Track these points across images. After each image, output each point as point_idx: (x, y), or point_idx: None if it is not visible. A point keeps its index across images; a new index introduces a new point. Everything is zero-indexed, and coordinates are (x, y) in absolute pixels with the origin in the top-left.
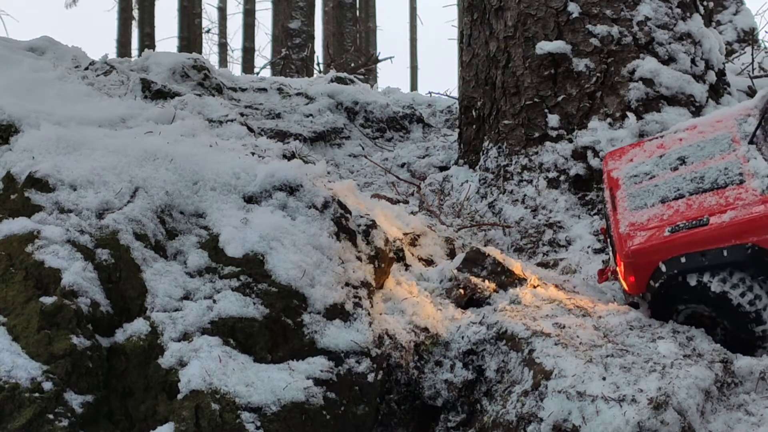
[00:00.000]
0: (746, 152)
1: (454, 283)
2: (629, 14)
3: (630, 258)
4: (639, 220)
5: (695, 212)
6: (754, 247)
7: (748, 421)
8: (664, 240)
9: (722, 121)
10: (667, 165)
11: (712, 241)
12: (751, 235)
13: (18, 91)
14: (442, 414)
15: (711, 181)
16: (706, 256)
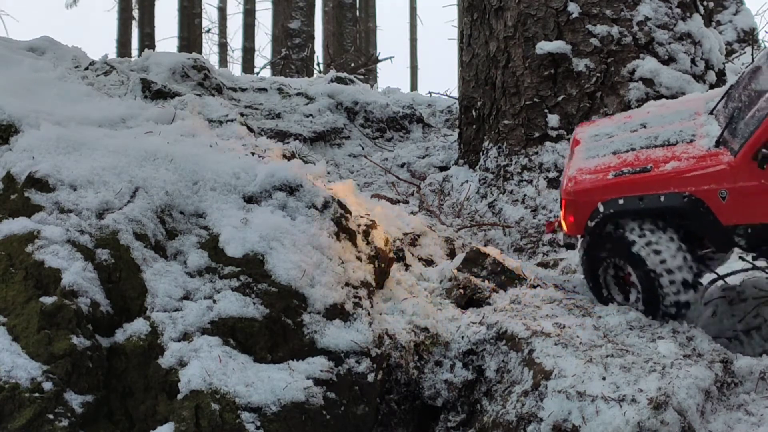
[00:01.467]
0: (704, 120)
1: (454, 283)
2: (629, 14)
3: (571, 196)
4: (588, 166)
5: (641, 162)
6: (691, 196)
7: (748, 421)
8: (606, 182)
9: (691, 101)
10: (628, 128)
11: (651, 187)
12: (690, 185)
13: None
14: (442, 414)
15: (663, 140)
16: (643, 200)
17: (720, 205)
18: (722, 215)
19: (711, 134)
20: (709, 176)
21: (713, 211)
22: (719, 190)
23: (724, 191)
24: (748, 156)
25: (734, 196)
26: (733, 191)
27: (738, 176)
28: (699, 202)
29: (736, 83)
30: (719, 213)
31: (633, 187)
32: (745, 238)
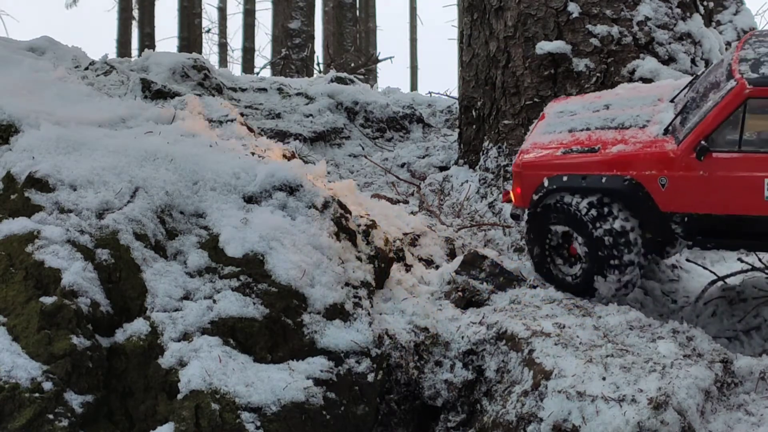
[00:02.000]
0: (664, 107)
1: (452, 286)
2: (629, 14)
3: (519, 168)
4: (542, 141)
5: (591, 142)
6: (632, 180)
7: (748, 421)
8: (554, 158)
9: (661, 87)
10: (592, 108)
11: (595, 167)
12: (632, 169)
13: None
14: (442, 414)
15: (619, 123)
16: (586, 180)
17: (659, 192)
18: (661, 202)
19: (664, 121)
20: (651, 162)
21: (652, 196)
22: (659, 176)
23: (664, 178)
24: (690, 147)
25: (673, 184)
26: (672, 179)
27: (678, 165)
28: (639, 187)
29: (701, 73)
30: (658, 199)
31: (578, 166)
32: (681, 227)
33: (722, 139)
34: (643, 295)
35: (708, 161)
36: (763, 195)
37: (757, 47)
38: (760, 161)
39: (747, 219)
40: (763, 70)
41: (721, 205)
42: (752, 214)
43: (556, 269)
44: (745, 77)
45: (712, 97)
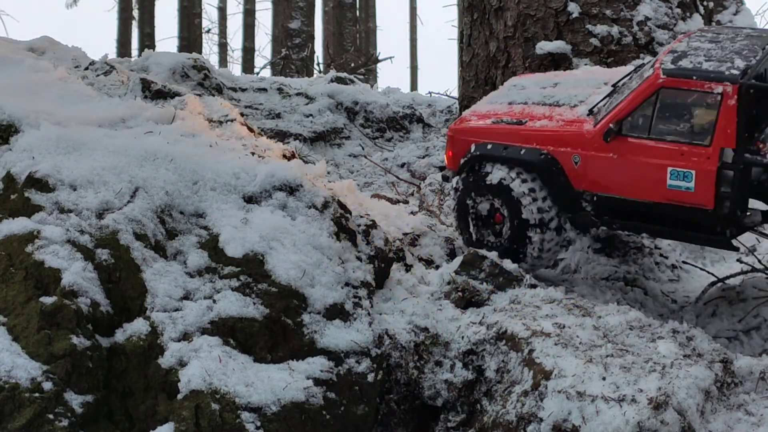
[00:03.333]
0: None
1: (452, 286)
2: (629, 14)
3: (452, 132)
4: (481, 110)
5: (521, 116)
6: (548, 155)
7: (748, 421)
8: (483, 126)
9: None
10: (542, 84)
11: (517, 139)
12: (549, 144)
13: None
14: (442, 414)
15: (555, 101)
16: (506, 150)
17: (572, 169)
18: (574, 179)
19: (592, 103)
20: (566, 140)
21: (566, 173)
22: (573, 154)
23: (577, 156)
24: (603, 128)
25: (585, 163)
26: (585, 158)
27: (591, 145)
28: (554, 162)
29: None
30: (571, 176)
31: (502, 136)
32: (591, 205)
33: (635, 125)
34: (643, 295)
35: (619, 144)
36: (665, 183)
37: (694, 41)
38: (666, 150)
39: (650, 204)
40: (683, 63)
41: (627, 189)
42: (655, 200)
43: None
44: (662, 67)
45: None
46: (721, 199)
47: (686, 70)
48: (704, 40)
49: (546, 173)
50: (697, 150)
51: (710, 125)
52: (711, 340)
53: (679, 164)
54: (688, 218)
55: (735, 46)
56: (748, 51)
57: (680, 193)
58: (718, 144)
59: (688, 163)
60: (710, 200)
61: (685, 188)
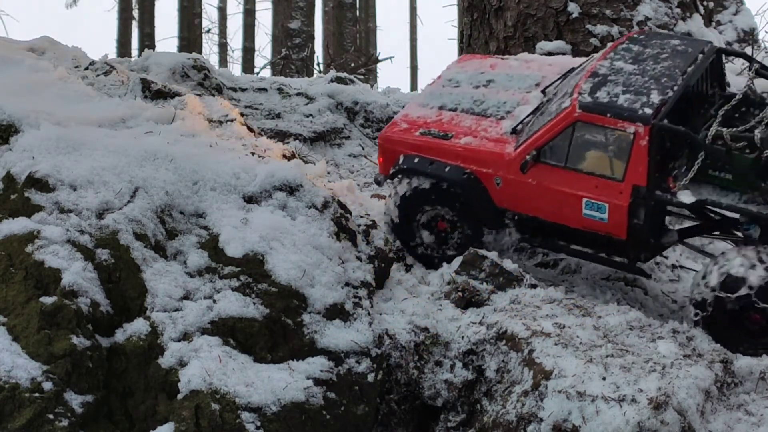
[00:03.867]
0: (531, 97)
1: (452, 286)
2: (629, 14)
3: (382, 140)
4: (413, 114)
5: (449, 127)
6: (471, 174)
7: (748, 421)
8: (410, 137)
9: (552, 65)
10: (477, 81)
11: (442, 155)
12: (473, 164)
13: (18, 91)
14: (442, 414)
15: (483, 108)
16: (432, 165)
17: (495, 189)
18: (496, 198)
19: (519, 117)
20: (489, 161)
21: (489, 192)
22: (495, 176)
23: (499, 179)
24: (522, 155)
25: (506, 185)
26: (506, 181)
27: (512, 169)
28: (477, 182)
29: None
30: (494, 195)
31: (428, 151)
32: (513, 223)
33: (553, 152)
34: (643, 295)
35: (537, 171)
36: (581, 211)
37: (618, 60)
38: (582, 181)
39: (569, 228)
40: (600, 94)
41: (546, 212)
42: (574, 226)
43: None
44: (579, 100)
45: (554, 110)
46: (633, 231)
47: (601, 105)
48: (628, 58)
49: (470, 192)
50: (610, 184)
51: (623, 162)
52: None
53: (593, 196)
54: (603, 243)
55: (656, 70)
56: (668, 78)
57: (595, 223)
58: (629, 181)
59: (601, 196)
60: (623, 232)
61: (599, 218)
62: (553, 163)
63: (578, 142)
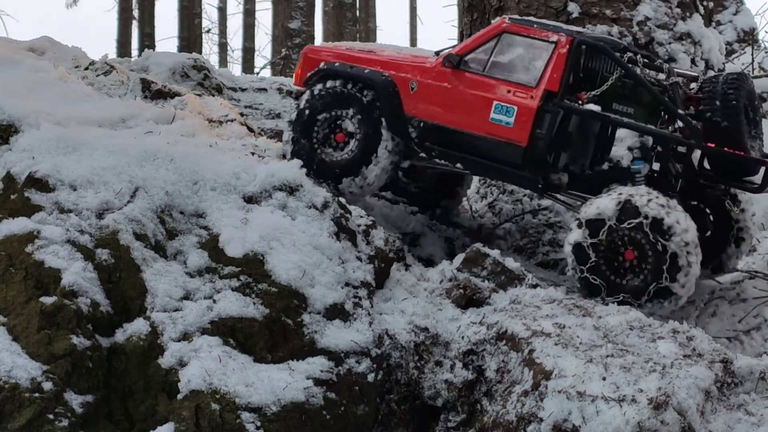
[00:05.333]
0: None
1: (454, 283)
2: (629, 14)
3: (306, 51)
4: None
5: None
6: (389, 77)
7: (748, 421)
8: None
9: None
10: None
11: (364, 62)
12: (392, 69)
13: (18, 91)
14: (442, 414)
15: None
16: (352, 69)
17: (407, 94)
18: (407, 104)
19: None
20: (408, 68)
21: (401, 96)
22: (412, 80)
23: (414, 83)
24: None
25: (420, 89)
26: (421, 85)
27: (430, 74)
28: (392, 84)
29: None
30: (405, 101)
31: (351, 59)
32: (416, 131)
33: (473, 63)
34: None
35: (454, 77)
36: (489, 116)
37: None
38: (495, 86)
39: (471, 136)
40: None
41: (453, 119)
42: (476, 132)
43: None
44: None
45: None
46: (534, 139)
47: (529, 20)
48: None
49: (383, 94)
50: (523, 89)
51: (540, 70)
52: (711, 340)
53: (504, 99)
54: (502, 154)
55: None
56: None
57: (500, 128)
58: (543, 86)
59: (512, 100)
60: (525, 137)
61: (505, 123)
62: (472, 70)
63: (500, 51)
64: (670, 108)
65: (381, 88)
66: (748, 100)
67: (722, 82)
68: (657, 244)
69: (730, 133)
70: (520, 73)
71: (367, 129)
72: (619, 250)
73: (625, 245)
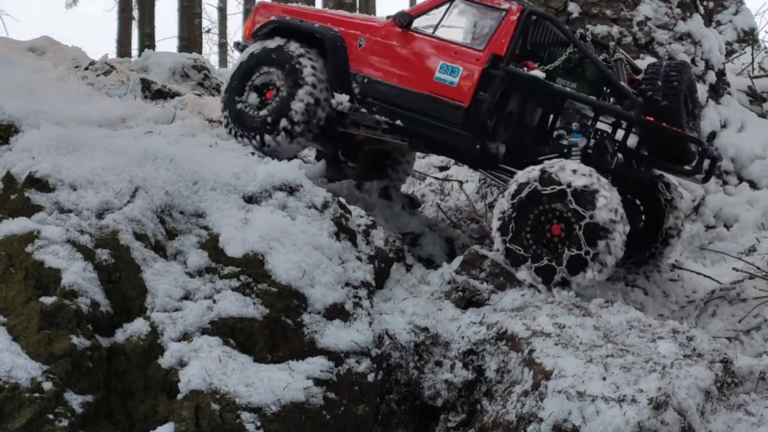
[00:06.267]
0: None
1: (452, 286)
2: (629, 14)
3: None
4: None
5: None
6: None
7: (748, 421)
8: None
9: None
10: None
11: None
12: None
13: (18, 91)
14: (442, 414)
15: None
16: (302, 23)
17: (354, 50)
18: (352, 60)
19: None
20: (358, 26)
21: (348, 52)
22: (361, 37)
23: (363, 39)
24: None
25: (368, 46)
26: (369, 42)
27: (379, 32)
28: (341, 39)
29: None
30: (351, 57)
31: (302, 15)
32: (359, 87)
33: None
34: (643, 295)
35: (403, 36)
36: (433, 75)
37: None
38: (443, 47)
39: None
40: None
41: (397, 76)
42: (420, 90)
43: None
44: None
45: None
46: (477, 101)
47: None
48: None
49: (331, 48)
50: (470, 51)
51: (489, 35)
52: (711, 340)
53: (450, 60)
54: (443, 114)
55: None
56: None
57: (444, 87)
58: (490, 50)
59: (458, 61)
60: (468, 98)
61: (449, 82)
62: (422, 31)
63: (451, 16)
64: (613, 80)
65: (329, 42)
66: (689, 90)
67: (665, 66)
68: (579, 215)
69: (669, 112)
70: (469, 37)
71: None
72: (540, 219)
73: (548, 216)
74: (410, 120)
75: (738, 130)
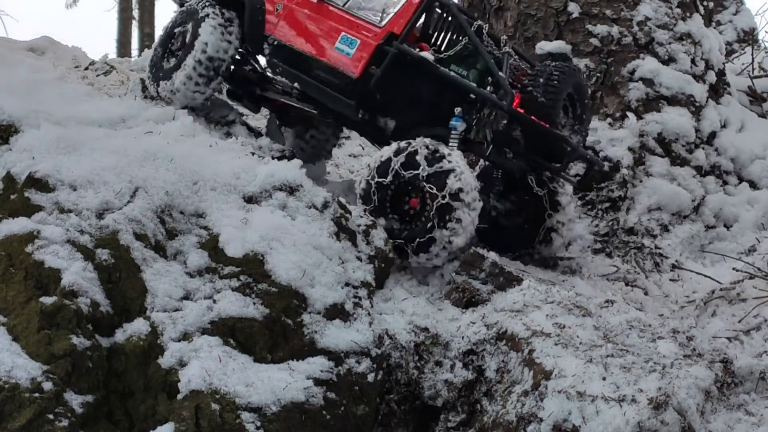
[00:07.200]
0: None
1: (452, 286)
2: (629, 14)
3: None
4: None
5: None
6: None
7: (748, 421)
8: None
9: None
10: None
11: None
12: None
13: (18, 91)
14: (442, 414)
15: None
16: None
17: (272, 14)
18: (269, 23)
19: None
20: None
21: (265, 16)
22: (279, 3)
23: (280, 5)
24: None
25: (284, 12)
26: (285, 8)
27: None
28: (260, 3)
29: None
30: (268, 19)
31: None
32: (269, 48)
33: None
34: (643, 295)
35: (316, 6)
36: (334, 45)
37: None
38: (348, 21)
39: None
40: None
41: (303, 43)
42: (320, 57)
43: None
44: None
45: None
46: (367, 75)
47: None
48: None
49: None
50: (370, 27)
51: (390, 15)
52: (711, 340)
53: (351, 32)
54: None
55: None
56: None
57: (340, 57)
58: (388, 28)
59: (357, 34)
60: (359, 70)
61: (346, 53)
62: (334, 4)
63: None
64: (493, 70)
65: (248, 3)
66: (577, 93)
67: (552, 66)
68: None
69: (545, 110)
70: (373, 14)
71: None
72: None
73: (407, 192)
74: (306, 84)
75: (738, 130)
